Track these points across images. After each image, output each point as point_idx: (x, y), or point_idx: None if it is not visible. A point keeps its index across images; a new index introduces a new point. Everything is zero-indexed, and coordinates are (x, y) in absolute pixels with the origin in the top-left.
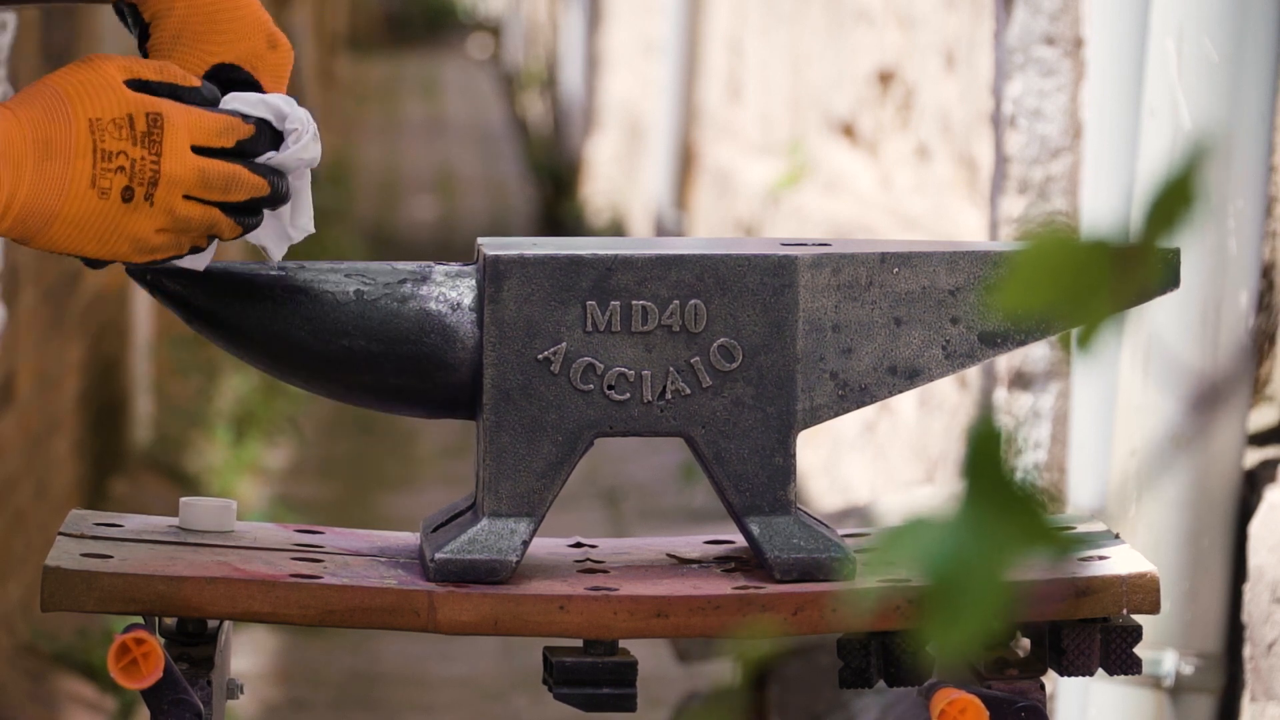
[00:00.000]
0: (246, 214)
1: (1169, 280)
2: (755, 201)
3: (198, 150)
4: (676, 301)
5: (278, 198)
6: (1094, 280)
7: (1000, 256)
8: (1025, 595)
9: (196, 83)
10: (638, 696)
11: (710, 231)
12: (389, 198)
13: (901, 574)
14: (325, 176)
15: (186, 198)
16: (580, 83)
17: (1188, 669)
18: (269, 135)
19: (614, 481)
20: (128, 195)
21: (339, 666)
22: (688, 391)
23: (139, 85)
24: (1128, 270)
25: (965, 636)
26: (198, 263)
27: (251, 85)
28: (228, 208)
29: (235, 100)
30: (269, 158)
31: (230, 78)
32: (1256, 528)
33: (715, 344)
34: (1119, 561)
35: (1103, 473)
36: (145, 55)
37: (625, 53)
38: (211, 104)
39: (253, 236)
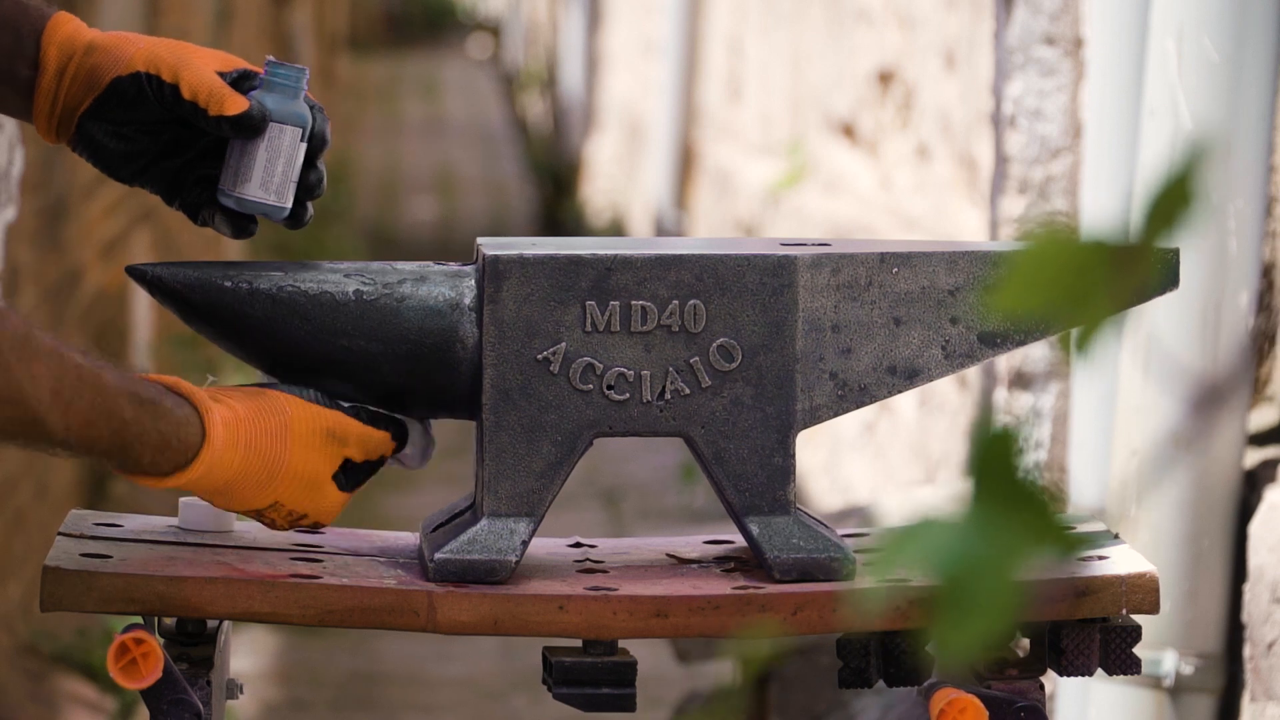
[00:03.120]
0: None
1: (1169, 280)
2: (755, 201)
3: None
4: (676, 301)
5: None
6: (1092, 280)
7: (1000, 256)
8: (1030, 595)
9: (390, 446)
10: (637, 696)
11: (710, 231)
12: (389, 198)
13: (904, 574)
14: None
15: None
16: (580, 83)
17: (1188, 669)
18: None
19: (614, 481)
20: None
21: (339, 666)
22: (687, 391)
23: (345, 467)
24: (1126, 270)
25: (974, 637)
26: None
27: (246, 75)
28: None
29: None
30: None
31: (233, 77)
32: (1256, 528)
33: (715, 344)
34: (1119, 561)
35: (1103, 473)
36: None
37: (625, 53)
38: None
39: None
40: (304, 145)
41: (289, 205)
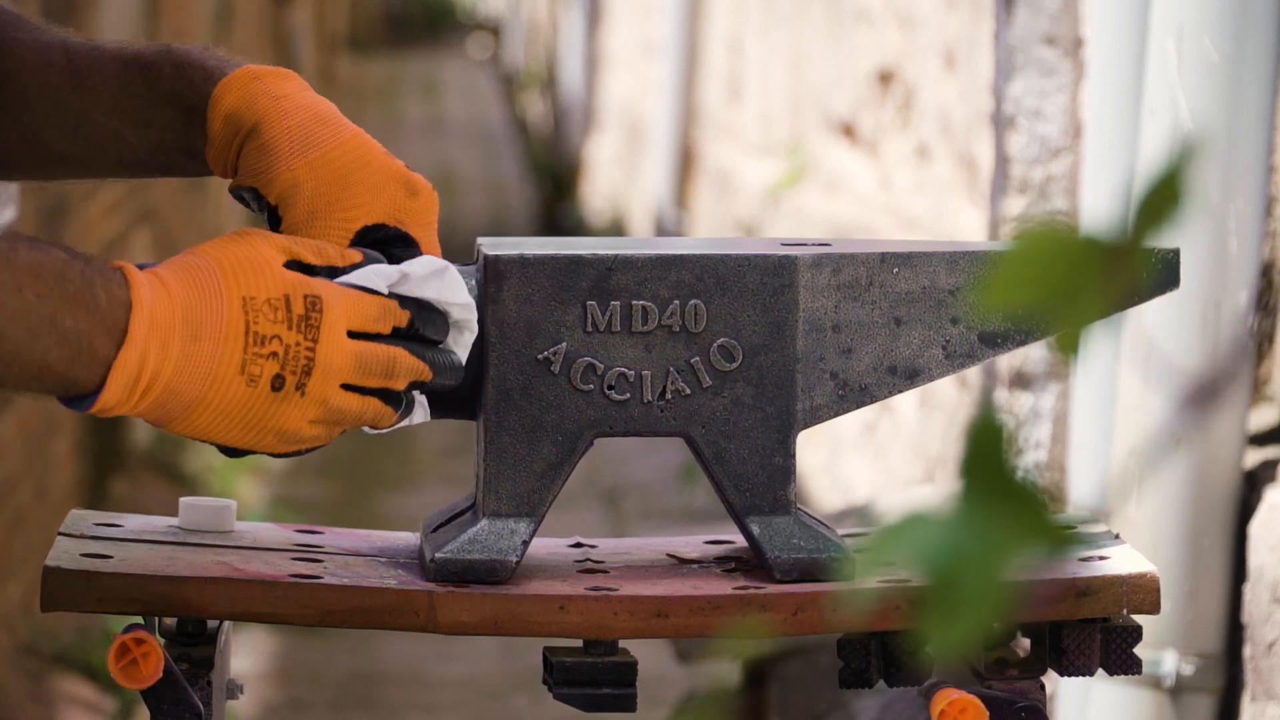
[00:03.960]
0: (404, 400)
1: (1169, 280)
2: (755, 201)
3: (354, 336)
4: (676, 301)
5: (443, 378)
6: (1083, 277)
7: (999, 256)
8: (1025, 594)
9: (358, 257)
10: (638, 696)
11: (710, 231)
12: None
13: (900, 573)
14: None
15: (344, 387)
16: (580, 83)
17: (1188, 669)
18: (434, 317)
19: (614, 481)
20: (278, 384)
21: (339, 666)
22: (688, 391)
23: (296, 266)
24: (1117, 268)
25: (964, 634)
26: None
27: (401, 238)
28: (386, 394)
29: (374, 275)
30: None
31: (376, 237)
32: (1256, 528)
33: (715, 344)
34: (1119, 561)
35: (1102, 472)
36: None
37: (625, 53)
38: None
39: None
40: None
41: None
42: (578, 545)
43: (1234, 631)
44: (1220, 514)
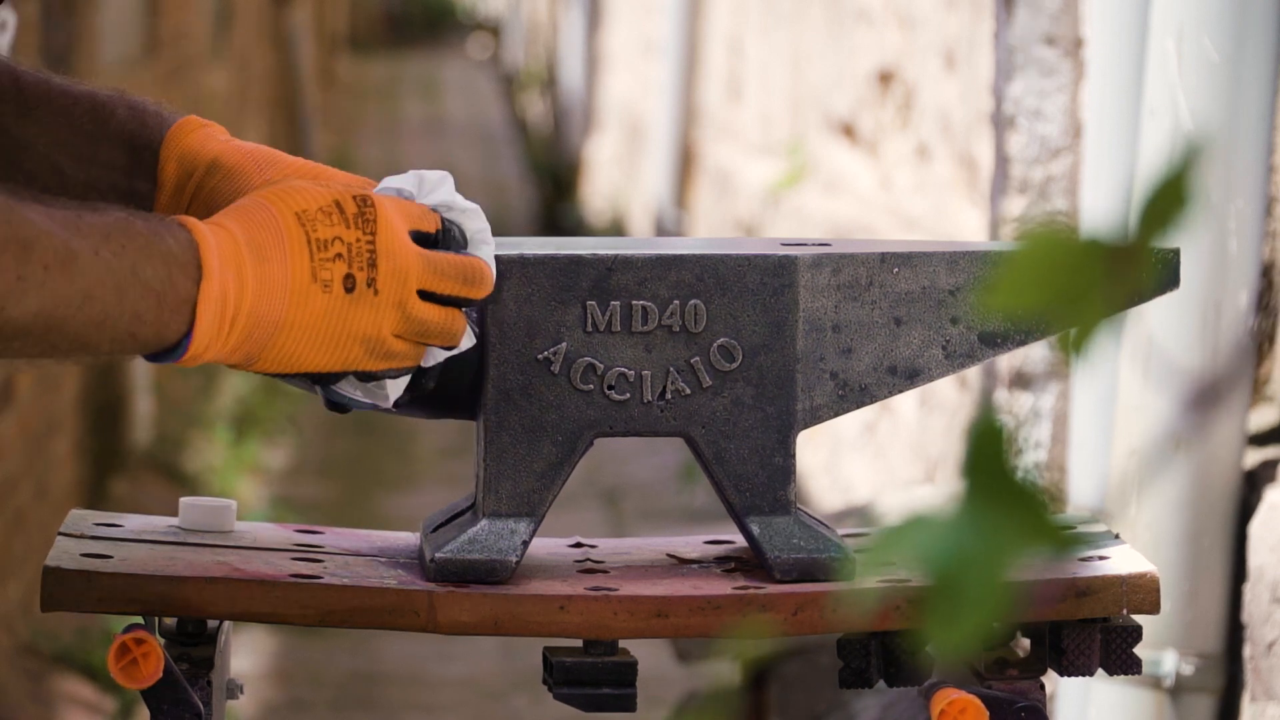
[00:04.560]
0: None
1: (1169, 280)
2: (755, 201)
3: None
4: (676, 301)
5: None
6: (1087, 279)
7: (1001, 256)
8: (1025, 595)
9: (374, 183)
10: (638, 696)
11: (710, 231)
12: None
13: (901, 573)
14: None
15: (422, 296)
16: (580, 83)
17: (1188, 669)
18: (452, 226)
19: (614, 481)
20: (349, 284)
21: (339, 666)
22: (688, 391)
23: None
24: (1122, 270)
25: (966, 635)
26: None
27: None
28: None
29: (403, 180)
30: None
31: None
32: (1256, 528)
33: (715, 344)
34: (1119, 561)
35: (1102, 472)
36: None
37: (625, 53)
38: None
39: None
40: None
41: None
42: (578, 545)
43: (1234, 631)
44: (1220, 514)
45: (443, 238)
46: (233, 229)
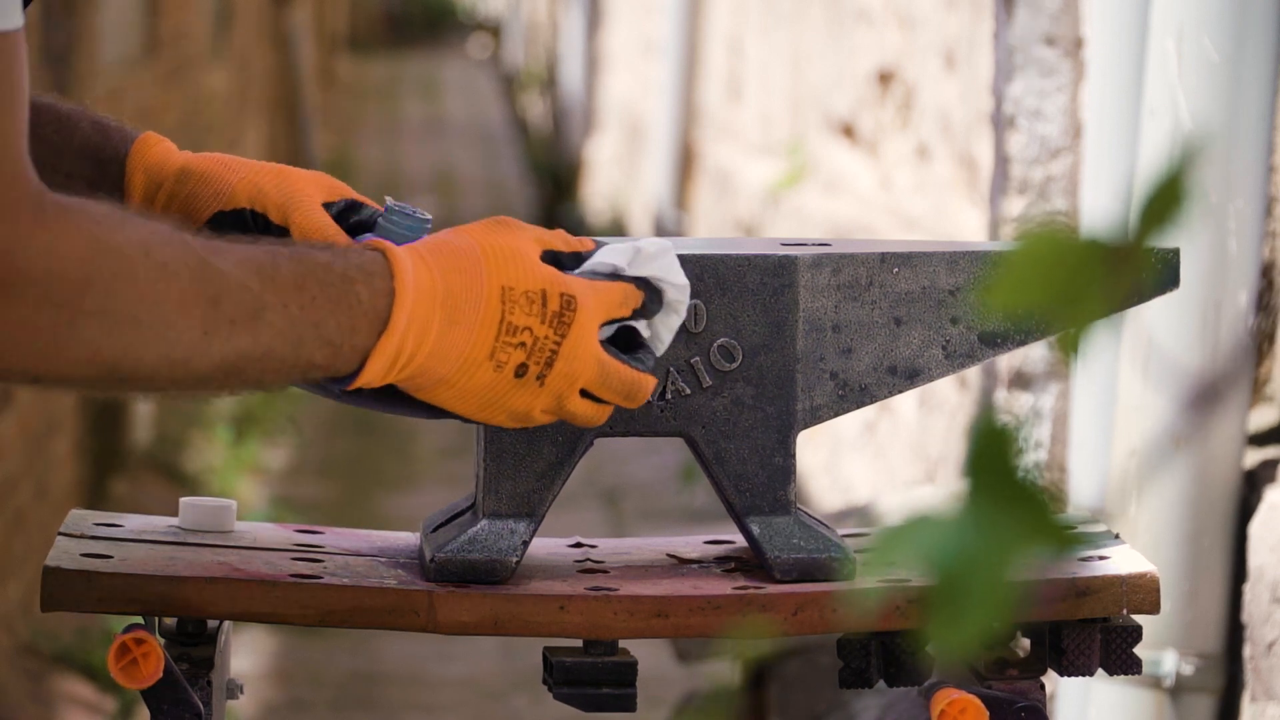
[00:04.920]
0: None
1: (1169, 280)
2: (755, 201)
3: (611, 346)
4: None
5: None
6: (1086, 279)
7: (1001, 256)
8: (1027, 595)
9: (590, 244)
10: (638, 696)
11: (710, 231)
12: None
13: (902, 573)
14: None
15: (583, 394)
16: (580, 83)
17: (1188, 669)
18: (655, 294)
19: (614, 481)
20: (521, 372)
21: (339, 666)
22: (688, 391)
23: (550, 258)
24: (1120, 269)
25: (969, 635)
26: None
27: (351, 205)
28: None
29: (613, 254)
30: (653, 326)
31: (333, 212)
32: (1256, 528)
33: (715, 344)
34: (1119, 561)
35: (1102, 472)
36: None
37: (625, 53)
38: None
39: None
40: None
41: None
42: (578, 545)
43: (1234, 631)
44: (1220, 514)
45: (641, 310)
46: (437, 278)
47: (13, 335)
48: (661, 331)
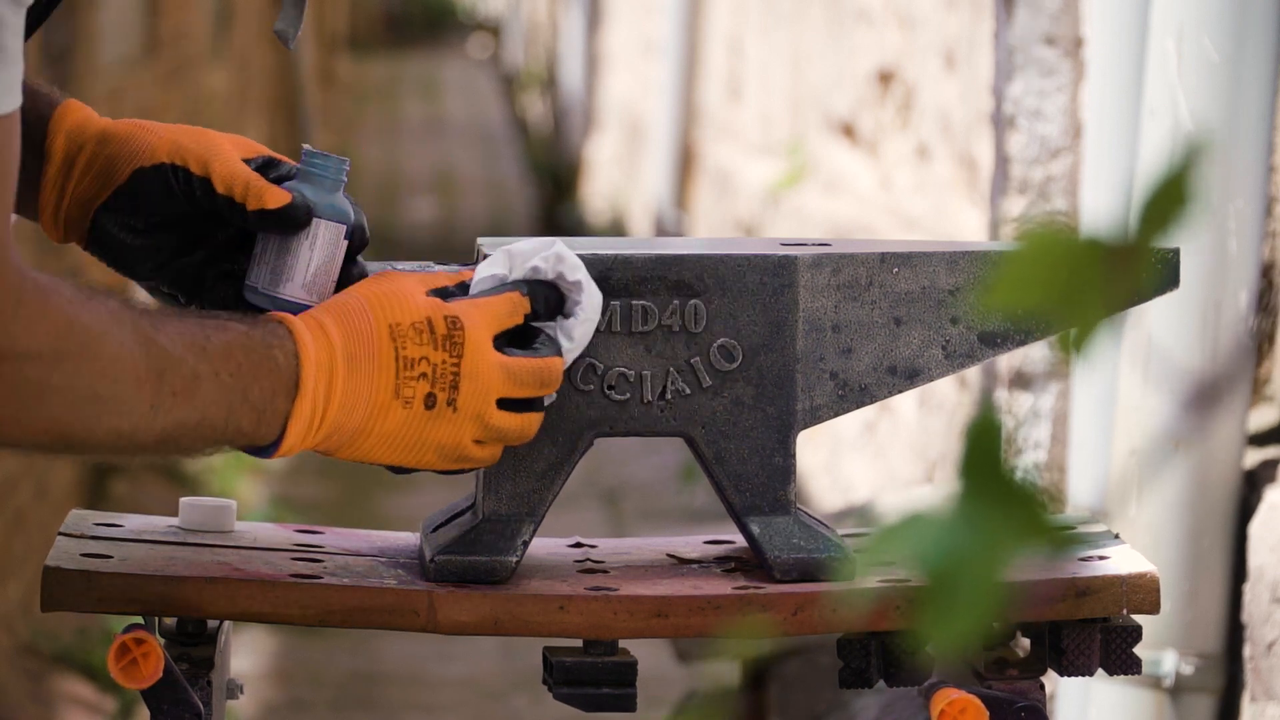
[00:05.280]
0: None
1: (1169, 280)
2: (755, 201)
3: (506, 346)
4: (676, 301)
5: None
6: (1088, 279)
7: (1001, 256)
8: (1024, 593)
9: (470, 274)
10: (638, 696)
11: (710, 231)
12: (389, 198)
13: (899, 572)
14: None
15: (501, 406)
16: (580, 83)
17: (1188, 669)
18: (546, 293)
19: (614, 481)
20: (430, 402)
21: (339, 666)
22: (688, 391)
23: (437, 294)
24: (1122, 270)
25: (961, 633)
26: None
27: (270, 162)
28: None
29: (492, 266)
30: (558, 326)
31: (254, 166)
32: (1256, 528)
33: (715, 344)
34: (1119, 561)
35: (1102, 473)
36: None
37: (625, 53)
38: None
39: None
40: (346, 243)
41: None
42: (578, 545)
43: (1234, 631)
44: (1220, 514)
45: (534, 311)
46: (333, 336)
47: None
48: (571, 328)
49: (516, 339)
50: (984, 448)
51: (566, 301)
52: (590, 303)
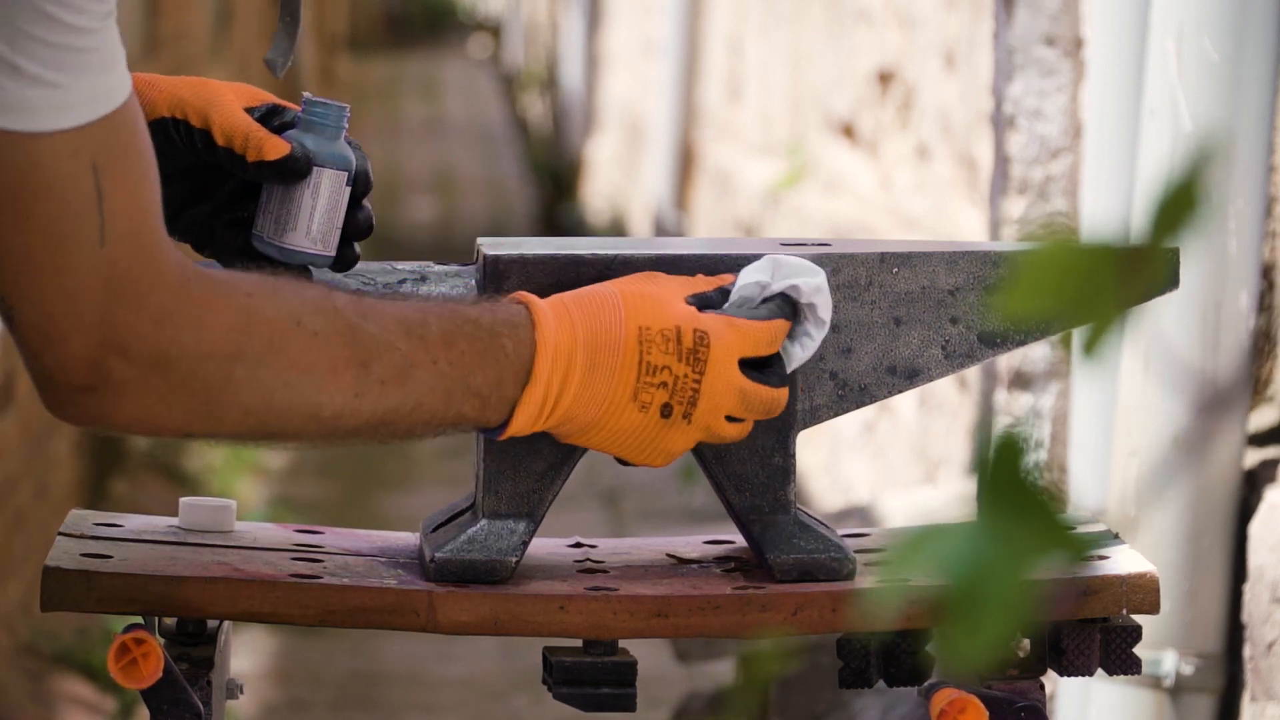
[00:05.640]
0: None
1: (1169, 281)
2: (755, 201)
3: (745, 363)
4: None
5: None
6: (1099, 285)
7: (1000, 256)
8: (1039, 603)
9: (730, 279)
10: (637, 696)
11: (710, 231)
12: (389, 198)
13: (911, 579)
14: None
15: (727, 419)
16: (580, 83)
17: (1188, 669)
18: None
19: (614, 481)
20: (666, 412)
21: (339, 666)
22: None
23: (698, 300)
24: (1132, 273)
25: (984, 645)
26: None
27: (274, 109)
28: None
29: (759, 270)
30: (798, 350)
31: (256, 116)
32: (1256, 528)
33: None
34: (1119, 561)
35: (1103, 473)
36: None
37: (625, 53)
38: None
39: None
40: (349, 189)
41: (334, 253)
42: (578, 545)
43: (1234, 631)
44: (1220, 514)
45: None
46: (577, 325)
47: (165, 402)
48: (793, 348)
49: None
50: (1004, 458)
51: (799, 328)
52: (817, 341)
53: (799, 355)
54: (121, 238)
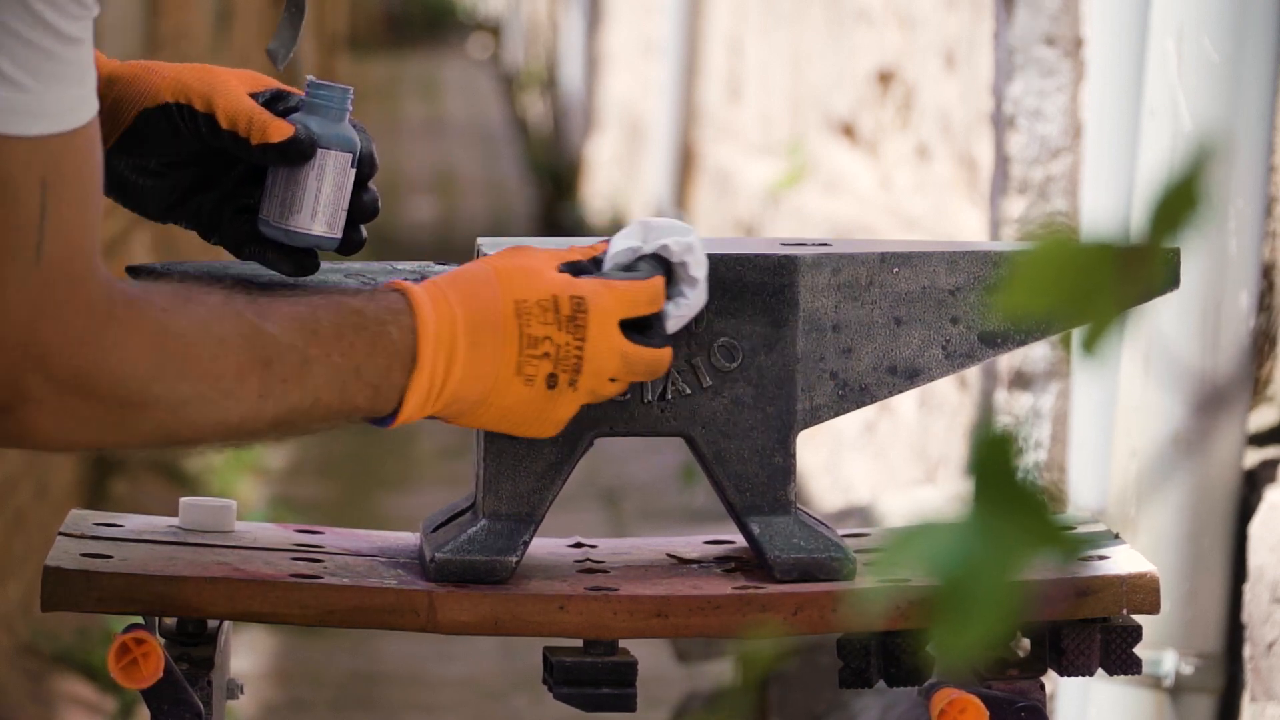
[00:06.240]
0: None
1: (1169, 281)
2: (755, 201)
3: (626, 325)
4: None
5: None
6: (1099, 283)
7: (1000, 256)
8: (1034, 600)
9: (604, 247)
10: (638, 696)
11: (710, 231)
12: (389, 198)
13: (904, 576)
14: None
15: (610, 380)
16: (580, 83)
17: (1188, 669)
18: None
19: (614, 481)
20: (552, 382)
21: (339, 666)
22: (688, 391)
23: (570, 268)
24: (1132, 273)
25: (975, 640)
26: None
27: (278, 94)
28: None
29: (630, 235)
30: (673, 309)
31: (260, 101)
32: (1256, 528)
33: (715, 344)
34: (1119, 561)
35: (1103, 473)
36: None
37: (625, 53)
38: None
39: None
40: (353, 171)
41: (340, 236)
42: (578, 545)
43: (1234, 631)
44: (1220, 514)
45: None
46: (455, 308)
47: (81, 420)
48: (669, 307)
49: None
50: (996, 455)
51: (674, 288)
52: (694, 301)
53: (675, 315)
54: (56, 259)
